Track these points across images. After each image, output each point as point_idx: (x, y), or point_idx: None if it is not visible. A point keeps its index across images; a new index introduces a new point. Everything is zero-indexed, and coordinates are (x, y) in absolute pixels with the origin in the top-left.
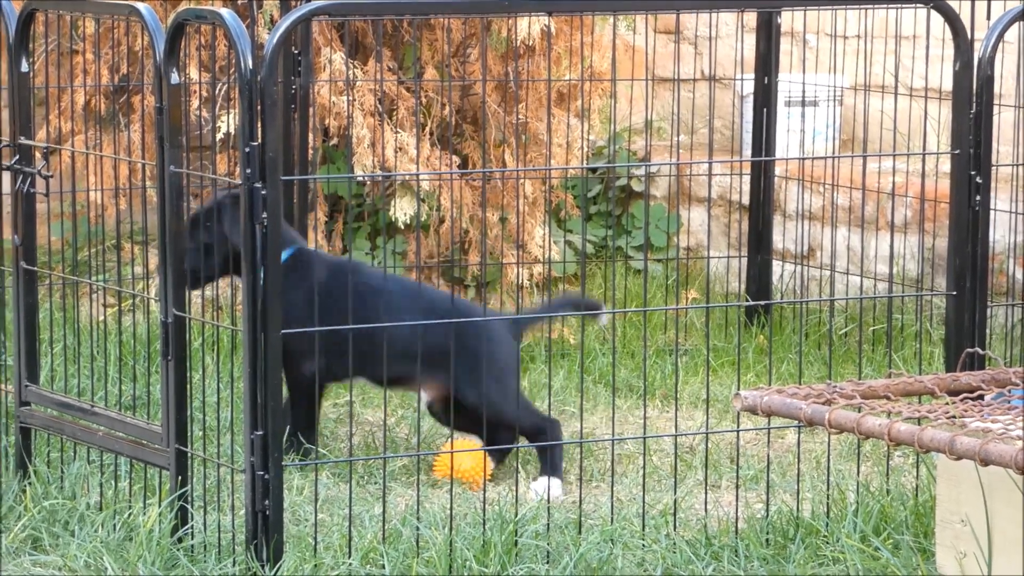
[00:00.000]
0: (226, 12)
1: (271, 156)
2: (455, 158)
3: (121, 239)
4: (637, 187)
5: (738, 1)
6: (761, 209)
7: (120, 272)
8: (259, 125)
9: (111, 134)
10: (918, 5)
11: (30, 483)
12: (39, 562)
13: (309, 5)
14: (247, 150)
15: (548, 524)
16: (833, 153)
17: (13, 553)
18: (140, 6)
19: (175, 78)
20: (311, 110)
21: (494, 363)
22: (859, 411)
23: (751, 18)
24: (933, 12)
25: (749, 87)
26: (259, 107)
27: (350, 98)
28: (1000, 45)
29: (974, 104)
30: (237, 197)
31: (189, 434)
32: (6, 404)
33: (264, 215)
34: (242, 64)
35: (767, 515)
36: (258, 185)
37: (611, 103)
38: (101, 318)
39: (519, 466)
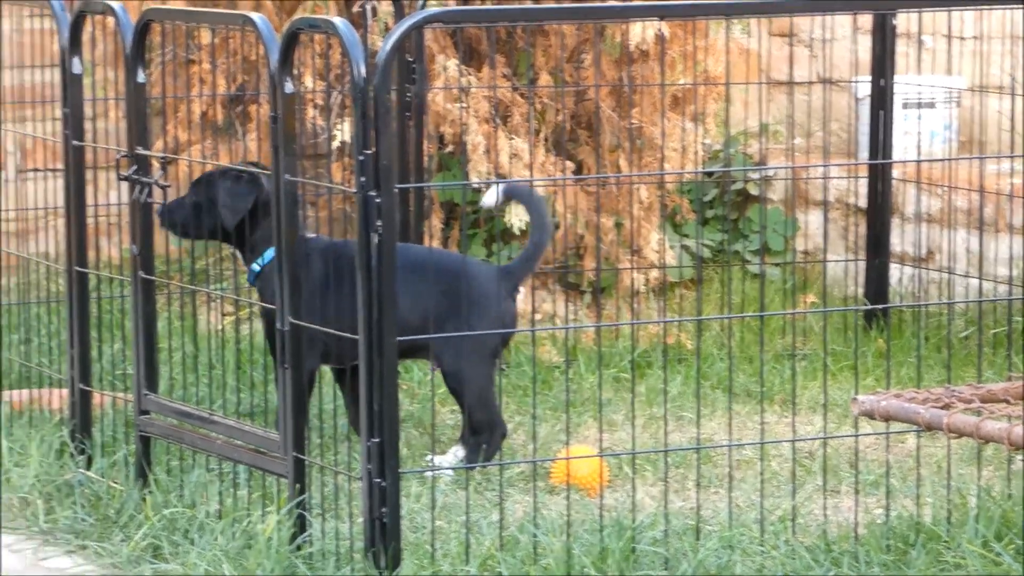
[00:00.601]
0: (339, 21)
1: (385, 164)
2: (570, 163)
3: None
4: (753, 191)
5: (852, 3)
6: (879, 212)
7: (237, 281)
8: (373, 133)
9: (228, 143)
10: (1014, 6)
11: (150, 492)
12: (159, 571)
13: (422, 12)
14: (361, 158)
15: (666, 530)
16: (951, 155)
17: (134, 561)
18: (254, 16)
19: (289, 87)
20: (426, 118)
21: (477, 340)
22: (978, 415)
23: (866, 20)
24: None
25: (865, 89)
26: (373, 115)
27: (465, 105)
28: None
29: None
30: (238, 176)
31: (307, 442)
32: (126, 413)
33: (379, 223)
34: (355, 72)
35: (887, 520)
36: (372, 193)
37: (726, 107)
38: (219, 327)
39: (635, 472)
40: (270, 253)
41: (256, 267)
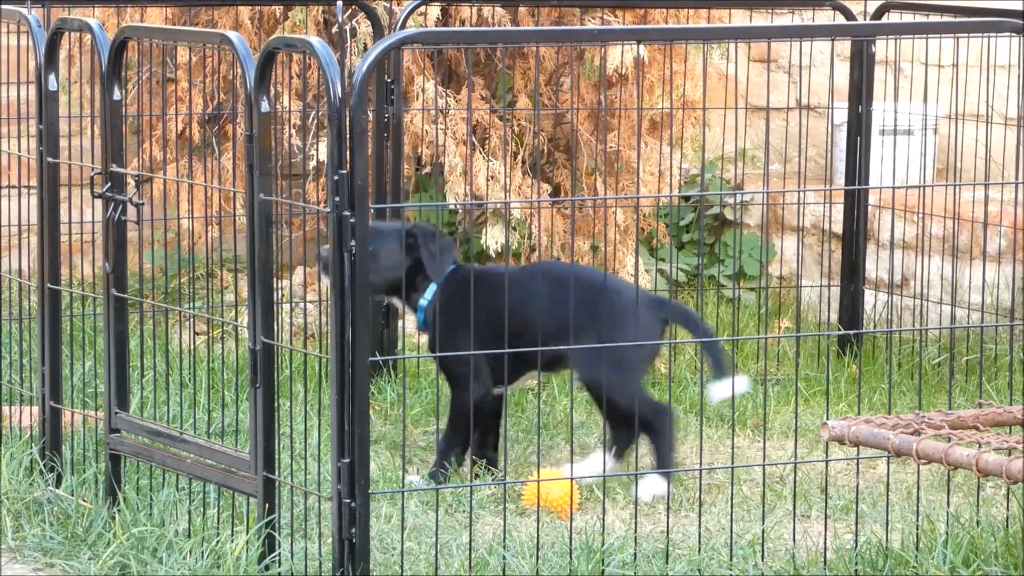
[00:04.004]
0: (316, 40)
1: (360, 184)
2: (546, 186)
3: (213, 267)
4: (730, 215)
5: (831, 29)
6: (854, 238)
7: (211, 300)
8: (348, 153)
9: (205, 161)
10: (1011, 35)
11: (119, 510)
12: None
13: (400, 33)
14: (336, 178)
15: (635, 554)
16: (927, 182)
17: None
18: (231, 35)
19: (265, 106)
20: (403, 138)
21: (624, 350)
22: (948, 441)
23: (845, 47)
24: None
25: (843, 116)
26: (348, 135)
27: (442, 127)
28: None
29: None
30: (432, 233)
31: (277, 462)
32: (96, 431)
33: (352, 243)
34: (332, 92)
35: (856, 545)
36: (347, 213)
37: (703, 131)
38: (193, 345)
39: (605, 495)
40: (431, 290)
41: (424, 302)
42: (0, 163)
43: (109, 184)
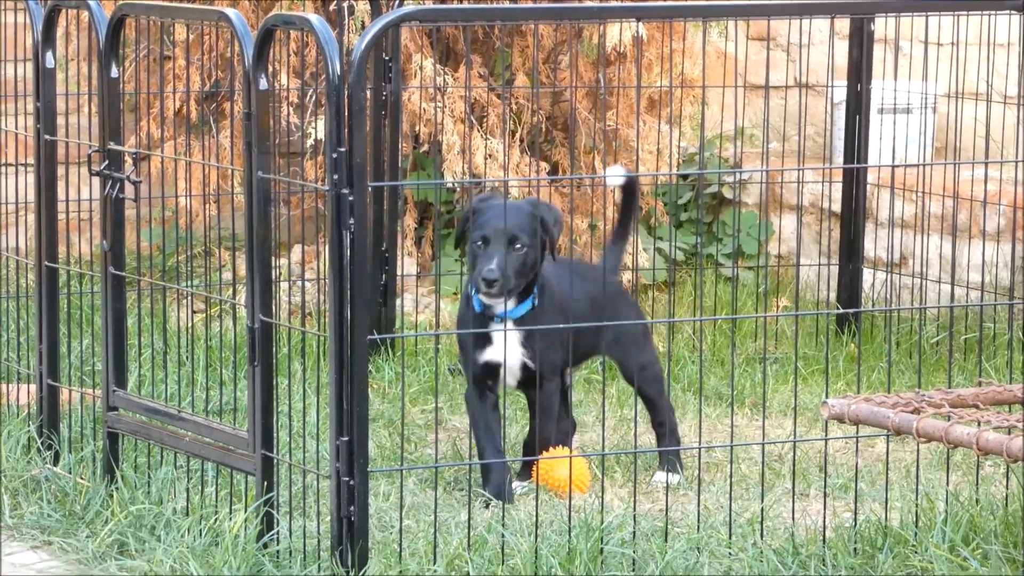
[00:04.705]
0: (314, 17)
1: (358, 162)
2: (545, 164)
3: (211, 245)
4: (728, 194)
5: (830, 6)
6: (853, 217)
7: (209, 278)
8: (346, 131)
9: (203, 139)
10: (1012, 12)
11: (117, 488)
12: (125, 567)
13: (398, 11)
14: (334, 156)
15: (634, 532)
16: (926, 161)
17: (100, 558)
18: (229, 12)
19: (263, 84)
20: (401, 117)
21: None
22: (948, 420)
23: (844, 25)
24: None
25: (841, 94)
26: (347, 113)
27: (440, 105)
28: None
29: None
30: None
31: (275, 440)
32: (94, 409)
33: (351, 221)
34: (330, 69)
35: (855, 524)
36: (345, 191)
37: (702, 109)
38: (191, 324)
39: (603, 474)
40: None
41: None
42: None
43: (107, 162)
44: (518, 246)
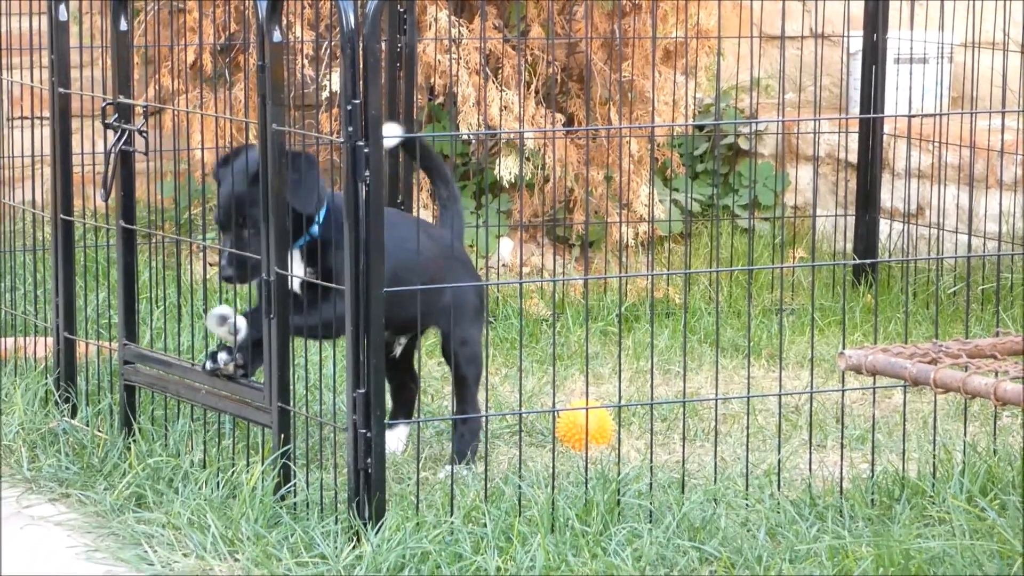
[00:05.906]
0: None
1: (373, 114)
2: (560, 116)
3: None
4: (744, 145)
5: None
6: (869, 167)
7: None
8: (361, 83)
9: (215, 92)
10: None
11: (134, 441)
12: (143, 519)
13: None
14: (349, 108)
15: (651, 483)
16: (943, 110)
17: (117, 510)
18: None
19: (277, 36)
20: (416, 69)
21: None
22: (965, 370)
23: None
24: None
25: (857, 44)
26: (361, 65)
27: (455, 56)
28: None
29: None
30: (296, 155)
31: (292, 393)
32: (111, 362)
33: (367, 173)
34: (344, 21)
35: (872, 475)
36: (361, 143)
37: (717, 60)
38: (205, 277)
39: (620, 426)
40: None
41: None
42: (12, 94)
43: (116, 115)
44: None
